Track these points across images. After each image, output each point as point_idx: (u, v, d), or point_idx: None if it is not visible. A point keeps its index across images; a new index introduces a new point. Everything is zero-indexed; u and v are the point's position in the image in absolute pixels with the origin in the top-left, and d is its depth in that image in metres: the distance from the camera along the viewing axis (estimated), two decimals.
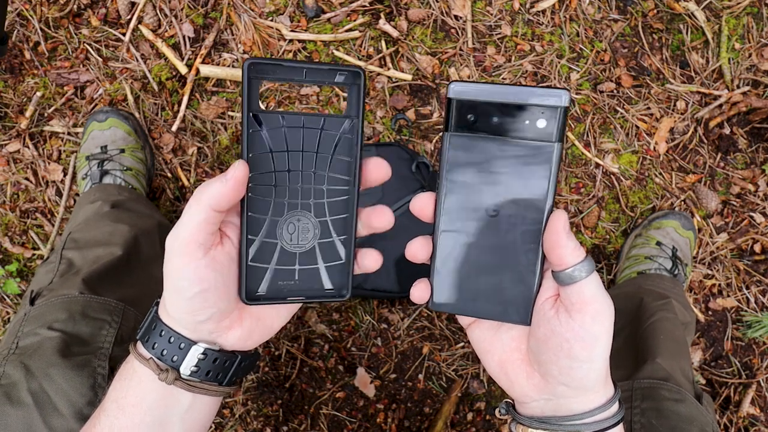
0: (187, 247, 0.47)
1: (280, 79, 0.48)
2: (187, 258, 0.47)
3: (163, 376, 0.51)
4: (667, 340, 1.06)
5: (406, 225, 1.22)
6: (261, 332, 0.55)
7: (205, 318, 0.50)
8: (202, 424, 0.55)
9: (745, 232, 1.40)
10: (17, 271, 1.33)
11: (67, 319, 0.83)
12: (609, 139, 1.40)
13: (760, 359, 1.38)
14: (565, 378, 0.48)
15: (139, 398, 0.52)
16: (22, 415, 0.72)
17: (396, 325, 1.34)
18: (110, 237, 1.05)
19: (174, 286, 0.49)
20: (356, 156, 0.50)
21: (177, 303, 0.50)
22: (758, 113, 1.40)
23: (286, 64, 0.48)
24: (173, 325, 0.51)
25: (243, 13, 1.37)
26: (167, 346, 0.51)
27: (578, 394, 0.50)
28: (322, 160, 0.50)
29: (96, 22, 1.36)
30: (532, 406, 0.53)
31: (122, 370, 0.54)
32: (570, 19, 1.41)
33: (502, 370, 0.53)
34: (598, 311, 0.46)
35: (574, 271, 0.46)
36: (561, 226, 0.46)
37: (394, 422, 1.32)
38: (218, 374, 0.53)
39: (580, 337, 0.46)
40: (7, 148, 1.34)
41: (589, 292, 0.46)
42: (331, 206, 0.51)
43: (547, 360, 0.49)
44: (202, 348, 0.51)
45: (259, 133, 0.48)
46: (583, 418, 0.50)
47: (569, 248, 0.46)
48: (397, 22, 1.38)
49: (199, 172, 1.36)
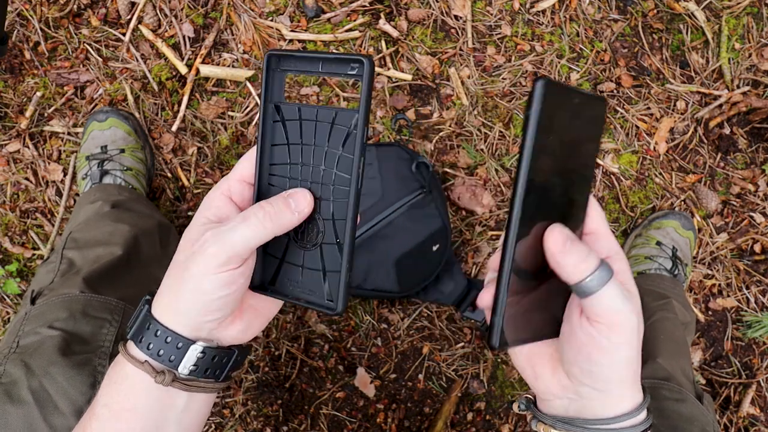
0: (235, 259, 0.47)
1: (298, 70, 0.48)
2: (228, 267, 0.47)
3: (160, 379, 0.49)
4: (668, 340, 1.06)
5: (406, 225, 1.23)
6: (259, 322, 0.54)
7: (216, 318, 0.49)
8: (198, 423, 0.54)
9: (745, 232, 1.40)
10: (17, 271, 1.33)
11: (68, 318, 0.83)
12: (609, 139, 1.40)
13: (760, 359, 1.38)
14: (587, 379, 0.47)
15: (133, 402, 0.50)
16: (23, 414, 0.72)
17: (396, 325, 1.34)
18: (110, 237, 1.05)
19: (198, 286, 0.47)
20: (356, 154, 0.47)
21: (193, 302, 0.48)
22: (758, 113, 1.40)
23: (302, 55, 0.48)
24: (170, 323, 0.49)
25: (243, 13, 1.37)
26: (164, 347, 0.49)
27: (602, 397, 0.48)
28: (331, 156, 0.48)
29: (96, 22, 1.37)
30: (555, 404, 0.51)
31: (112, 374, 0.52)
32: (570, 19, 1.41)
33: (529, 363, 0.52)
34: (615, 323, 0.44)
35: (582, 285, 0.44)
36: (552, 246, 0.45)
37: (394, 422, 1.32)
38: (215, 371, 0.52)
39: (597, 343, 0.45)
40: (7, 148, 1.34)
41: (605, 305, 0.44)
42: (336, 207, 0.49)
43: (570, 359, 0.48)
44: (201, 347, 0.50)
45: (278, 124, 0.49)
46: (609, 423, 0.48)
47: (569, 265, 0.44)
48: (397, 22, 1.39)
49: (199, 172, 1.36)
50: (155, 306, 0.51)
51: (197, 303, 0.48)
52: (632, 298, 0.46)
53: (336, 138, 0.47)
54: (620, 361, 0.46)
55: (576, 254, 0.44)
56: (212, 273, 0.47)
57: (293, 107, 0.49)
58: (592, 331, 0.45)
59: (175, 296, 0.49)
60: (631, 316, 0.45)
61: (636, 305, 0.46)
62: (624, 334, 0.45)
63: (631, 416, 0.48)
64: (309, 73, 0.48)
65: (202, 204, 0.51)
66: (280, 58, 0.48)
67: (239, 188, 0.52)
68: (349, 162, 0.47)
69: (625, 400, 0.48)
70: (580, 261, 0.44)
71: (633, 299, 0.46)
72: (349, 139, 0.47)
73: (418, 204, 1.20)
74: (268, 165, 0.50)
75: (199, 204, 1.34)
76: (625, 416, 0.48)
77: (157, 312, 0.50)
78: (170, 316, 0.50)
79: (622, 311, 0.44)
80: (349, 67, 0.46)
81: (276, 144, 0.49)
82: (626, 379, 0.47)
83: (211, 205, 0.51)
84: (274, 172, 0.50)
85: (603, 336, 0.45)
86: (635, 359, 0.47)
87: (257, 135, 0.49)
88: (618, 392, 0.48)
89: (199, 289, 0.47)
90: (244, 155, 0.52)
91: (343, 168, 0.48)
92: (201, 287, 0.47)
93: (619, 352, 0.45)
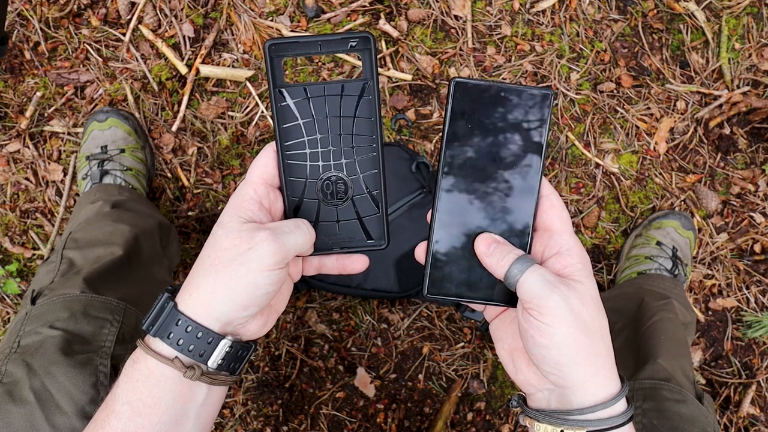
0: (287, 259, 0.51)
1: (299, 54, 0.53)
2: (281, 263, 0.51)
3: (190, 374, 0.50)
4: (668, 341, 1.06)
5: (406, 225, 1.23)
6: (273, 317, 0.57)
7: (252, 312, 0.52)
8: (212, 416, 0.56)
9: (745, 232, 1.40)
10: (17, 271, 1.33)
11: (69, 318, 0.83)
12: (609, 139, 1.40)
13: (760, 359, 1.38)
14: (543, 365, 0.50)
15: (157, 398, 0.51)
16: (25, 413, 0.72)
17: (396, 325, 1.34)
18: (111, 237, 1.05)
19: (254, 280, 0.50)
20: (377, 114, 0.54)
21: (244, 295, 0.50)
22: (758, 113, 1.40)
23: (302, 39, 0.52)
24: (202, 319, 0.51)
25: (243, 13, 1.37)
26: (195, 342, 0.51)
27: (571, 385, 0.50)
28: (346, 122, 0.54)
29: (96, 22, 1.36)
30: (538, 397, 0.54)
31: (131, 371, 0.52)
32: (570, 19, 1.42)
33: (510, 357, 0.56)
34: (542, 306, 0.48)
35: (507, 277, 0.51)
36: (479, 249, 0.53)
37: (394, 422, 1.32)
38: (235, 364, 0.54)
39: (534, 326, 0.49)
40: (7, 148, 1.34)
41: (526, 290, 0.49)
42: (361, 164, 0.55)
43: (527, 348, 0.51)
44: (230, 341, 0.52)
45: (287, 106, 0.53)
46: (585, 414, 0.50)
47: (493, 264, 0.52)
48: (397, 22, 1.39)
49: (199, 172, 1.36)
50: (183, 303, 0.52)
51: (247, 296, 0.51)
52: (564, 284, 0.50)
53: (348, 106, 0.53)
54: (562, 342, 0.49)
55: (498, 254, 0.52)
56: (268, 269, 0.50)
57: (299, 87, 0.53)
58: (528, 317, 0.50)
59: (211, 291, 0.51)
60: (554, 297, 0.48)
61: (572, 291, 0.50)
62: (553, 315, 0.48)
63: (606, 406, 0.50)
64: (310, 53, 0.53)
65: (233, 208, 0.53)
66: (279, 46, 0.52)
67: (264, 191, 0.55)
68: (367, 123, 0.54)
69: (600, 389, 0.50)
70: (500, 258, 0.52)
71: (569, 285, 0.50)
72: (361, 103, 0.53)
73: (419, 204, 1.21)
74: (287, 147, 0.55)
75: (199, 204, 1.34)
76: (600, 406, 0.50)
77: (188, 309, 0.51)
78: (202, 311, 0.51)
79: (542, 295, 0.49)
80: (348, 45, 0.52)
81: (288, 124, 0.54)
82: (580, 361, 0.49)
83: (243, 207, 0.53)
84: (293, 149, 0.54)
85: (535, 318, 0.49)
86: (584, 342, 0.49)
87: (272, 120, 0.53)
88: (582, 377, 0.50)
89: (254, 283, 0.50)
90: (260, 152, 0.55)
91: (361, 129, 0.54)
92: (256, 281, 0.50)
93: (554, 331, 0.48)
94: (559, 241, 0.53)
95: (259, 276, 0.50)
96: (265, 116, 1.36)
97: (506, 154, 0.53)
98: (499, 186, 0.54)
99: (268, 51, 0.51)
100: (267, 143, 1.36)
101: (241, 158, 1.36)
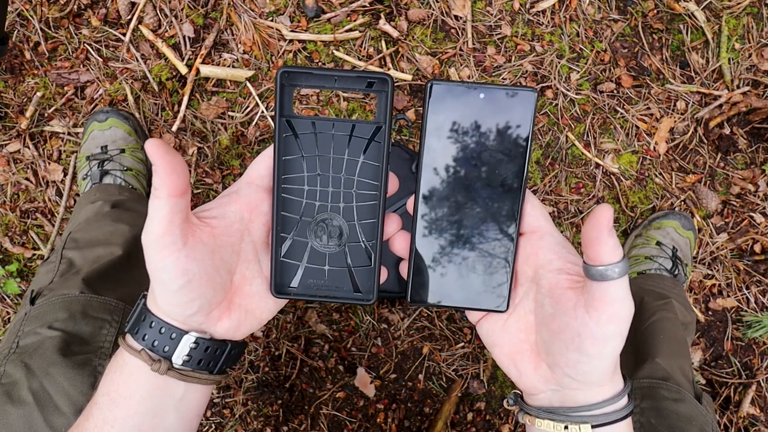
0: (162, 240, 0.47)
1: (312, 86, 0.50)
2: (166, 251, 0.47)
3: (156, 367, 0.51)
4: (667, 340, 1.06)
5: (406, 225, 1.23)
6: (250, 324, 0.55)
7: (193, 311, 0.50)
8: (196, 412, 0.56)
9: (745, 232, 1.40)
10: (17, 271, 1.33)
11: (68, 319, 0.83)
12: (609, 139, 1.40)
13: (760, 359, 1.38)
14: (571, 371, 0.48)
15: (132, 390, 0.52)
16: (23, 414, 0.72)
17: (396, 325, 1.34)
18: (110, 237, 1.05)
19: (159, 279, 0.49)
20: (384, 161, 0.51)
21: (164, 296, 0.50)
22: (758, 113, 1.40)
23: (317, 72, 0.49)
24: (163, 316, 0.51)
25: (243, 13, 1.37)
26: (158, 337, 0.51)
27: (583, 387, 0.50)
28: (351, 164, 0.51)
29: (96, 22, 1.37)
30: (540, 397, 0.53)
31: (112, 364, 0.54)
32: (570, 20, 1.41)
33: (512, 362, 0.53)
34: (617, 313, 0.45)
35: (607, 269, 0.44)
36: (605, 222, 0.43)
37: (394, 422, 1.32)
38: (209, 363, 0.54)
39: (592, 334, 0.46)
40: (7, 148, 1.34)
41: (615, 293, 0.45)
42: (360, 210, 0.53)
43: (557, 351, 0.49)
44: (194, 337, 0.51)
45: (292, 138, 0.51)
46: (590, 410, 0.50)
47: (609, 246, 0.44)
48: (397, 22, 1.39)
49: (199, 172, 1.36)
50: (149, 299, 0.53)
51: (166, 294, 0.50)
52: None
53: (355, 147, 0.51)
54: (609, 354, 0.47)
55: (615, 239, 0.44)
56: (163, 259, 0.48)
57: (307, 121, 0.50)
58: (588, 321, 0.46)
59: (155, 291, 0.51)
60: (632, 309, 0.46)
61: None
62: (621, 325, 0.46)
63: (611, 402, 0.50)
64: (324, 87, 0.50)
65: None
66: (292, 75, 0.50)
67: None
68: (372, 168, 0.51)
69: (605, 387, 0.50)
70: (616, 246, 0.44)
71: None
72: (371, 147, 0.51)
73: None
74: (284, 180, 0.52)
75: (199, 204, 1.35)
76: (606, 402, 0.50)
77: (152, 305, 0.52)
78: (160, 310, 0.52)
79: (627, 302, 0.45)
80: (365, 84, 0.49)
81: (290, 156, 0.51)
82: (609, 370, 0.49)
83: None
84: (291, 183, 0.52)
85: (599, 326, 0.46)
86: (618, 351, 0.48)
87: (274, 149, 0.51)
88: (599, 380, 0.49)
89: (160, 281, 0.49)
90: (256, 159, 0.54)
91: (365, 174, 0.52)
92: (161, 278, 0.49)
93: (610, 344, 0.46)
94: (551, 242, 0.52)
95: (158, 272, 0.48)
96: (265, 116, 1.36)
97: (488, 157, 0.51)
98: (482, 191, 0.51)
99: (279, 78, 0.49)
100: (267, 143, 1.36)
101: (241, 158, 1.36)
